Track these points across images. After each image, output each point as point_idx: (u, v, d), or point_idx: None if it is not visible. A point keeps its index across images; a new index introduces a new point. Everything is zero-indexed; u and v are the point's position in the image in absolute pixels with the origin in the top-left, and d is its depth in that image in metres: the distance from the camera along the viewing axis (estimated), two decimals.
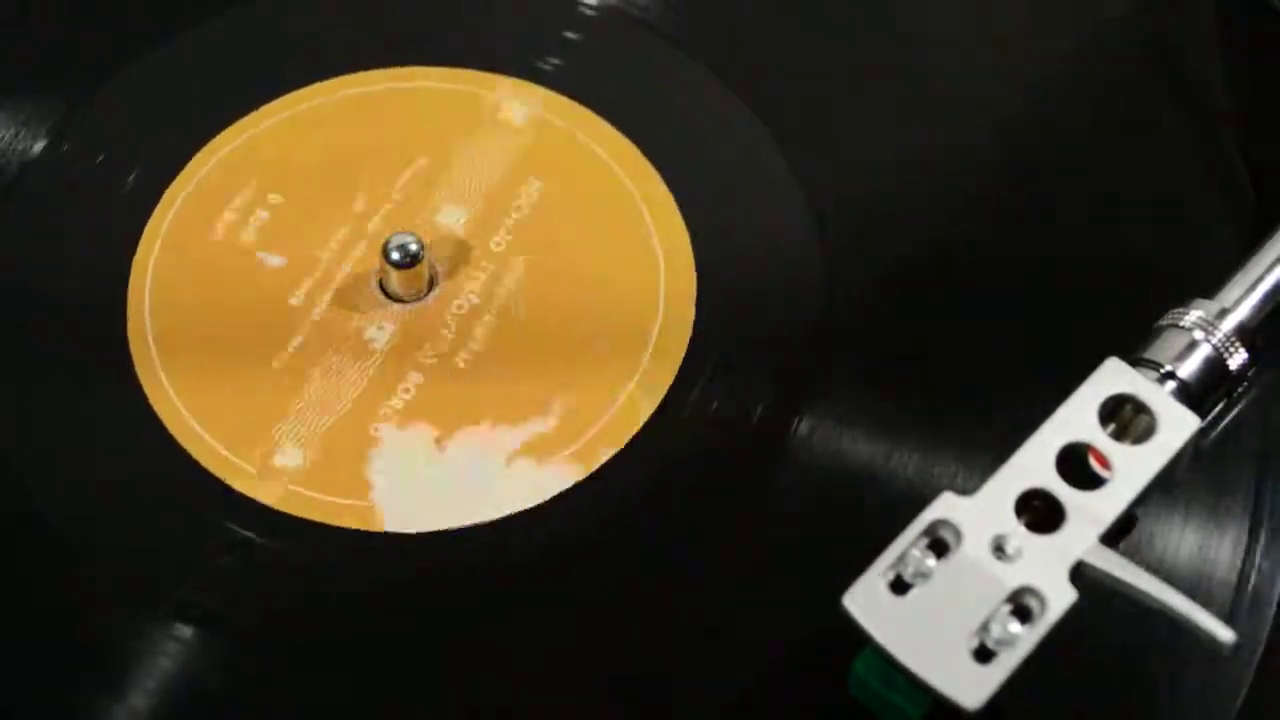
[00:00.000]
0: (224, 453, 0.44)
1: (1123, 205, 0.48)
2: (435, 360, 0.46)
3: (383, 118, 0.49)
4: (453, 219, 0.48)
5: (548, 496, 0.44)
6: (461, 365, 0.46)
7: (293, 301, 0.46)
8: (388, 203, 0.48)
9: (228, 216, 0.47)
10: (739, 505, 0.43)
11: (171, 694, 0.41)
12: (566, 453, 0.44)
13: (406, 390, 0.45)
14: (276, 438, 0.44)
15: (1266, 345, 0.44)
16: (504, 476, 0.44)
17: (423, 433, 0.45)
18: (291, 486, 0.44)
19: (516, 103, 0.49)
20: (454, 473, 0.44)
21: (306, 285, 0.47)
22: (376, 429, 0.45)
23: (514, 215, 0.48)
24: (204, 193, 0.48)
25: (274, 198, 0.48)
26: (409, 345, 0.46)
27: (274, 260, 0.47)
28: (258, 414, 0.45)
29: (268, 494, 0.43)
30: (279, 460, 0.44)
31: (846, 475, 0.44)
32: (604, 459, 0.44)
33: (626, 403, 0.45)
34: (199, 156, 0.48)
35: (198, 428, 0.44)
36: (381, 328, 0.46)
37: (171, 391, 0.45)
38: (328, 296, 0.46)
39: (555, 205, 0.48)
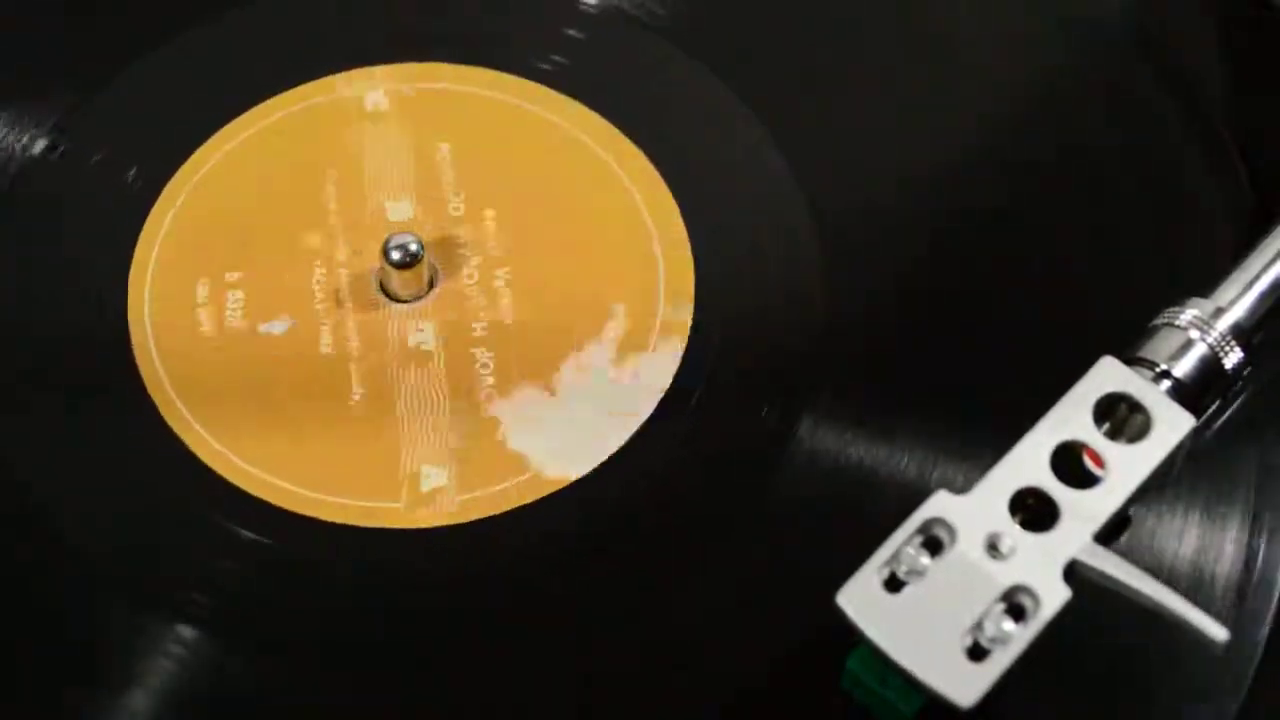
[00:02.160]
0: (355, 501, 0.43)
1: (1121, 205, 0.48)
2: (487, 330, 0.46)
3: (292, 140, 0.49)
4: (403, 212, 0.48)
5: (671, 377, 0.45)
6: (509, 323, 0.46)
7: (325, 352, 0.46)
8: (335, 223, 0.48)
9: (206, 311, 0.46)
10: (738, 505, 0.43)
11: (171, 694, 0.41)
12: (654, 337, 0.45)
13: (485, 366, 0.45)
14: (408, 469, 0.44)
15: (1265, 345, 0.44)
16: (620, 384, 0.45)
17: (528, 391, 0.45)
18: (456, 498, 0.43)
19: (366, 88, 0.50)
20: (577, 407, 0.45)
21: (326, 332, 0.46)
22: (488, 410, 0.45)
23: (454, 186, 0.48)
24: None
25: (231, 275, 0.47)
26: (457, 329, 0.46)
27: (278, 327, 0.47)
28: (372, 464, 0.44)
29: (429, 519, 0.43)
30: (427, 486, 0.44)
31: (846, 475, 0.44)
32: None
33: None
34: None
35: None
36: (421, 329, 0.46)
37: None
38: (354, 334, 0.46)
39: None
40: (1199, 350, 0.42)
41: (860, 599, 0.38)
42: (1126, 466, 0.40)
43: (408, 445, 0.44)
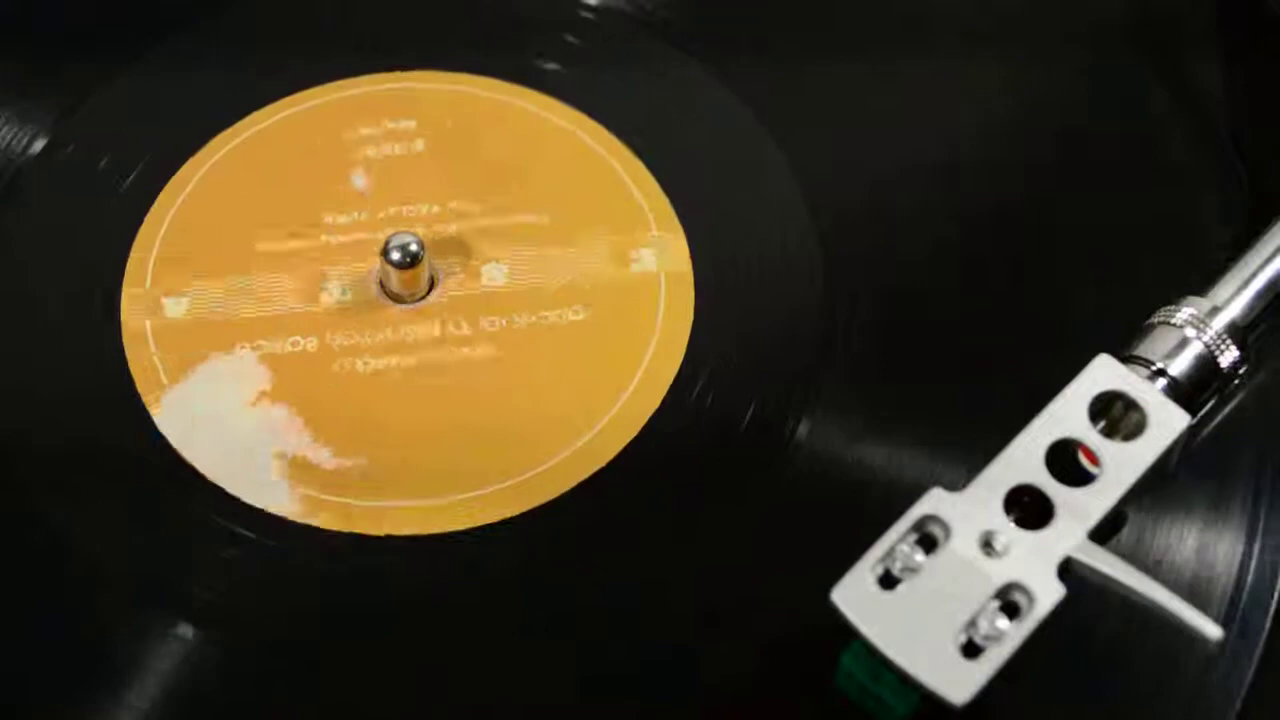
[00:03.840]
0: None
1: (1119, 204, 0.48)
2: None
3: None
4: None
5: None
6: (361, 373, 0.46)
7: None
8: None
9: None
10: (738, 505, 0.43)
11: (171, 694, 0.41)
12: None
13: (295, 343, 0.46)
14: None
15: (1263, 344, 0.44)
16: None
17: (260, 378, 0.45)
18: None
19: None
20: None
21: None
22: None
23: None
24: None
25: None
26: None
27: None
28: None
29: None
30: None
31: (845, 475, 0.44)
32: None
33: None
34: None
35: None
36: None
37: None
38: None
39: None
40: (1195, 349, 0.42)
41: (854, 596, 0.38)
42: (1122, 464, 0.40)
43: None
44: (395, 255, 0.46)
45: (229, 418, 0.45)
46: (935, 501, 0.39)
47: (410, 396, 0.45)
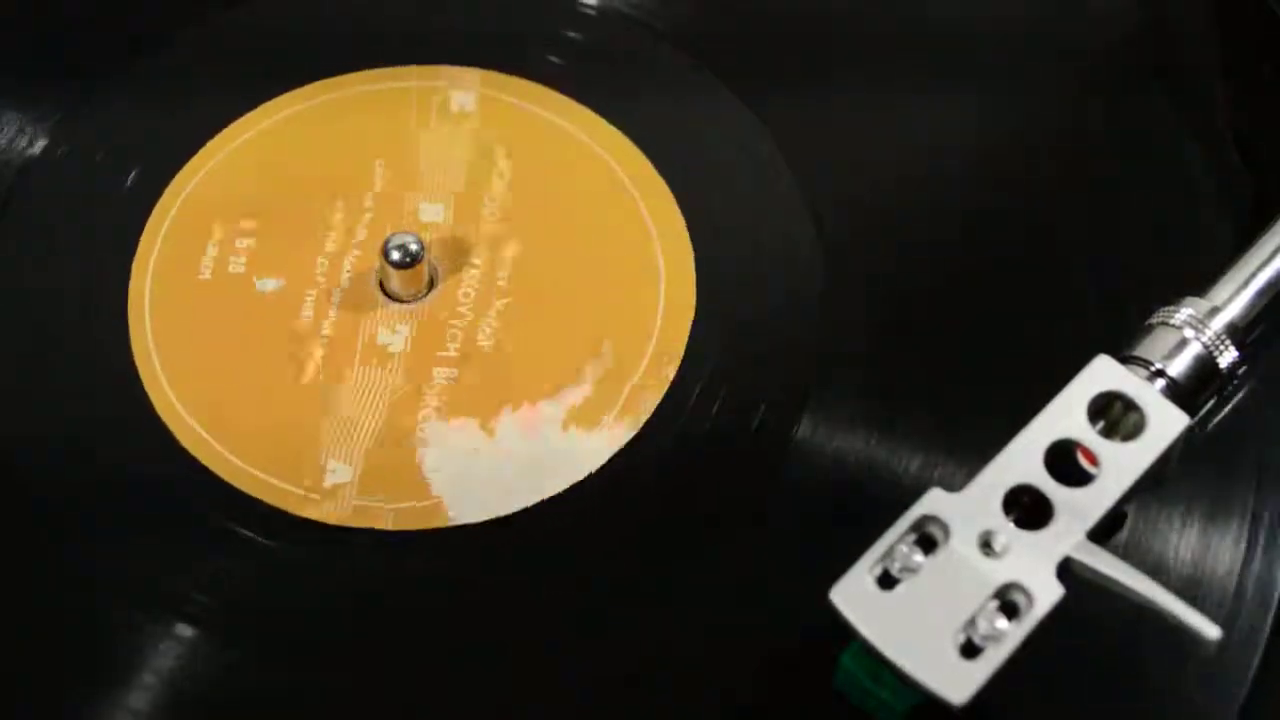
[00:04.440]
0: (265, 476, 0.44)
1: (1118, 204, 0.48)
2: (458, 353, 0.46)
3: (346, 125, 0.50)
4: (433, 214, 0.48)
5: (606, 459, 0.44)
6: (487, 349, 0.46)
7: (302, 319, 0.46)
8: (366, 210, 0.48)
9: (211, 253, 0.47)
10: (738, 505, 0.43)
11: (171, 694, 0.41)
12: (612, 414, 0.44)
13: (436, 386, 0.45)
14: (322, 459, 0.44)
15: (1262, 344, 0.44)
16: (559, 447, 0.44)
17: (467, 423, 0.45)
18: (354, 501, 0.44)
19: (458, 91, 0.50)
20: (510, 454, 0.44)
21: (309, 302, 0.47)
22: (421, 429, 0.45)
23: (491, 205, 0.48)
24: (188, 217, 0.48)
25: (247, 223, 0.48)
26: (427, 342, 0.46)
27: (270, 284, 0.47)
28: (294, 438, 0.45)
29: (327, 514, 0.43)
30: (330, 480, 0.44)
31: (845, 475, 0.44)
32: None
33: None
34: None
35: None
36: (396, 331, 0.46)
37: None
38: (333, 311, 0.47)
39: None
40: (1194, 349, 0.42)
41: (853, 596, 0.38)
42: (1121, 465, 0.40)
43: (330, 437, 0.44)
44: (395, 255, 0.46)
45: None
46: (934, 501, 0.39)
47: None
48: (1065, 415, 0.41)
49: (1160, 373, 0.42)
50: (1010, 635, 0.38)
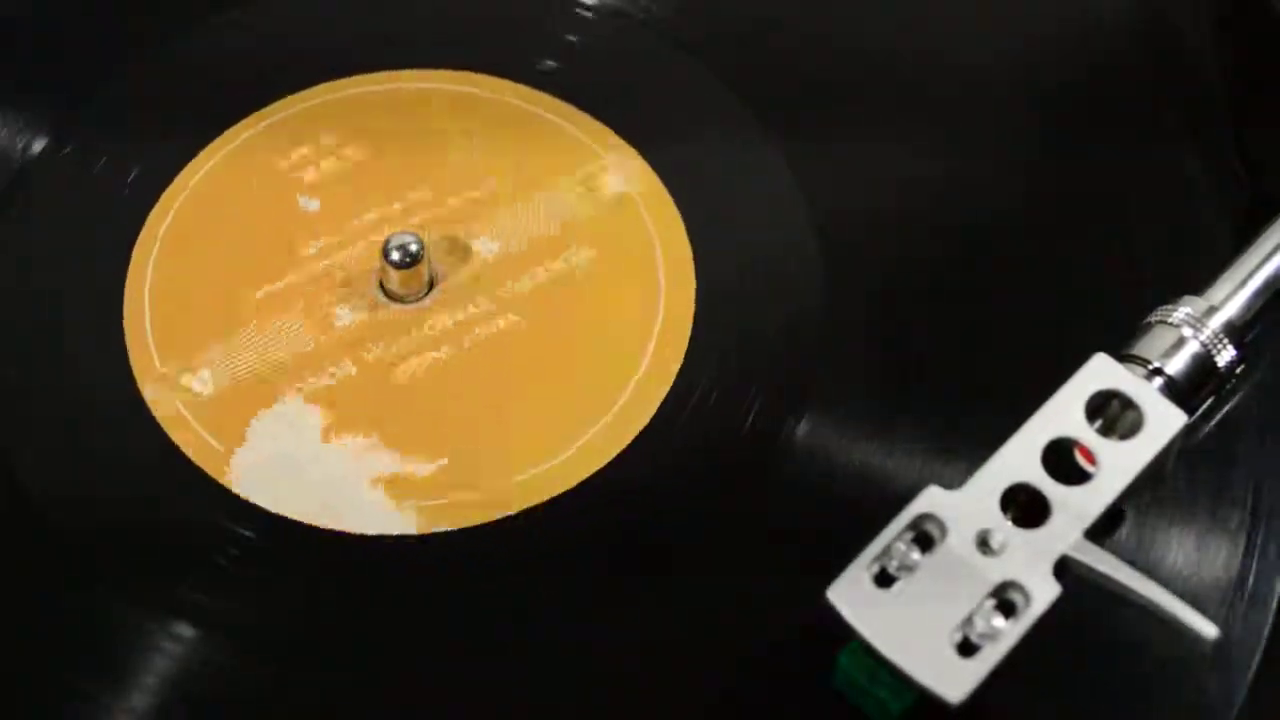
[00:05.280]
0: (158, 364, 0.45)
1: (1117, 204, 0.48)
2: (374, 360, 0.46)
3: (462, 120, 0.50)
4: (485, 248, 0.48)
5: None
6: (402, 380, 0.46)
7: (308, 251, 0.47)
8: (439, 205, 0.48)
9: (303, 150, 0.48)
10: (737, 505, 0.43)
11: (171, 694, 0.41)
12: (423, 503, 0.44)
13: (332, 374, 0.45)
14: (200, 362, 0.45)
15: (1260, 343, 0.44)
16: (357, 496, 0.44)
17: (315, 417, 0.45)
18: (181, 410, 0.44)
19: (618, 175, 0.49)
20: (322, 469, 0.44)
21: (325, 241, 0.47)
22: (284, 396, 0.45)
23: (542, 272, 0.48)
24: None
25: (351, 151, 0.49)
26: (364, 337, 0.46)
27: (311, 205, 0.48)
28: (206, 327, 0.46)
29: (160, 406, 0.44)
30: (188, 381, 0.45)
31: (844, 475, 0.44)
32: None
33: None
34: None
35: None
36: (354, 310, 0.46)
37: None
38: (335, 260, 0.47)
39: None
40: (1191, 348, 0.42)
41: (851, 594, 0.38)
42: (1118, 463, 0.40)
43: (225, 347, 0.46)
44: (395, 255, 0.46)
45: (307, 463, 0.44)
46: (931, 500, 0.39)
47: (459, 384, 0.45)
48: (1063, 413, 0.41)
49: (1158, 371, 0.42)
50: (1007, 634, 0.38)
